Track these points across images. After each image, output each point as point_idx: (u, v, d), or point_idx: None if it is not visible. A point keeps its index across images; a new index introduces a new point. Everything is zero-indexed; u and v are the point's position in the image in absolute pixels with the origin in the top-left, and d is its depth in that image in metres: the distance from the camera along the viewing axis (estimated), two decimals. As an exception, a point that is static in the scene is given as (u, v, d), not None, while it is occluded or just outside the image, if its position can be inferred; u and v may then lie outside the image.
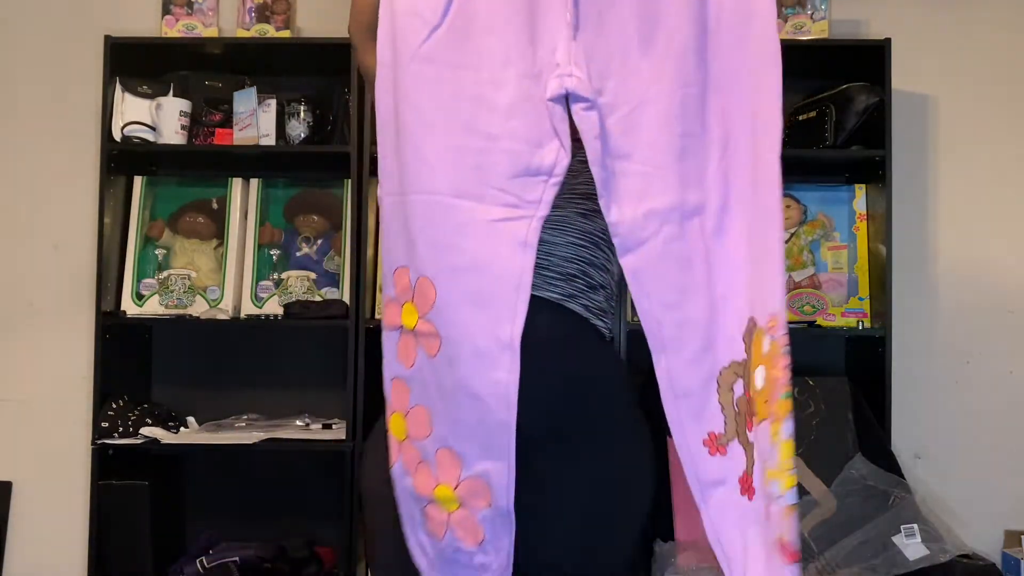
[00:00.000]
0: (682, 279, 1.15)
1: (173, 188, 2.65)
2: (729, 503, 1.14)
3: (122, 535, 2.37)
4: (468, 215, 1.14)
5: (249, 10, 2.58)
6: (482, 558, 1.19)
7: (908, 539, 2.04)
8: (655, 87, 1.15)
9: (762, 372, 1.15)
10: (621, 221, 1.14)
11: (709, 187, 1.17)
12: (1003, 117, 2.66)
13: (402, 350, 1.20)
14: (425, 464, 1.19)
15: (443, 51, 1.16)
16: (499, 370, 1.12)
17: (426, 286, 1.15)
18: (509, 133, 1.14)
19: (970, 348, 2.63)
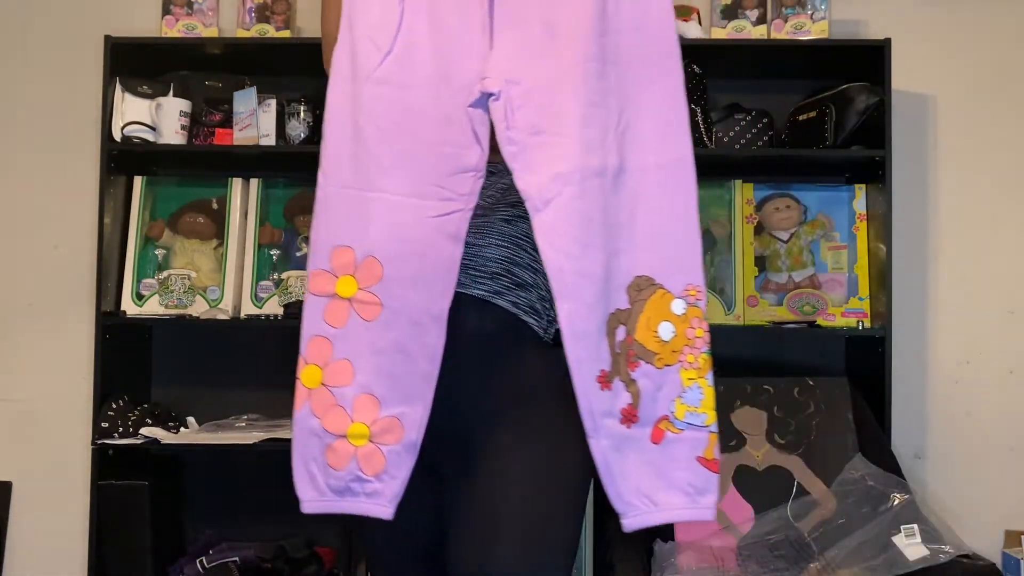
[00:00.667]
0: (582, 234, 1.33)
1: (173, 188, 2.65)
2: (615, 431, 1.34)
3: (122, 535, 2.37)
4: (414, 212, 1.38)
5: (249, 10, 2.58)
6: (377, 485, 1.39)
7: (908, 539, 2.04)
8: (561, 66, 1.35)
9: (670, 328, 1.35)
10: (530, 185, 1.35)
11: (608, 150, 1.35)
12: (1003, 117, 2.66)
13: (331, 313, 1.41)
14: (339, 408, 1.41)
15: (393, 74, 1.40)
16: (429, 335, 1.37)
17: (374, 265, 1.39)
18: (444, 139, 1.39)
19: (970, 348, 2.63)
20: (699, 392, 1.35)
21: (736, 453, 2.26)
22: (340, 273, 1.41)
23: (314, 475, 1.43)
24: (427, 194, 1.39)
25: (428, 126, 1.40)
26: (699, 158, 2.54)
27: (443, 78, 1.39)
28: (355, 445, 1.39)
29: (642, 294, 1.35)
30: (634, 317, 1.35)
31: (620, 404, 1.34)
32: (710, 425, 1.35)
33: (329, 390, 1.41)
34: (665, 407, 1.34)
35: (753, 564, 2.04)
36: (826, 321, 2.46)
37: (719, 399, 2.34)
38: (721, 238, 2.54)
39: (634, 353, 1.34)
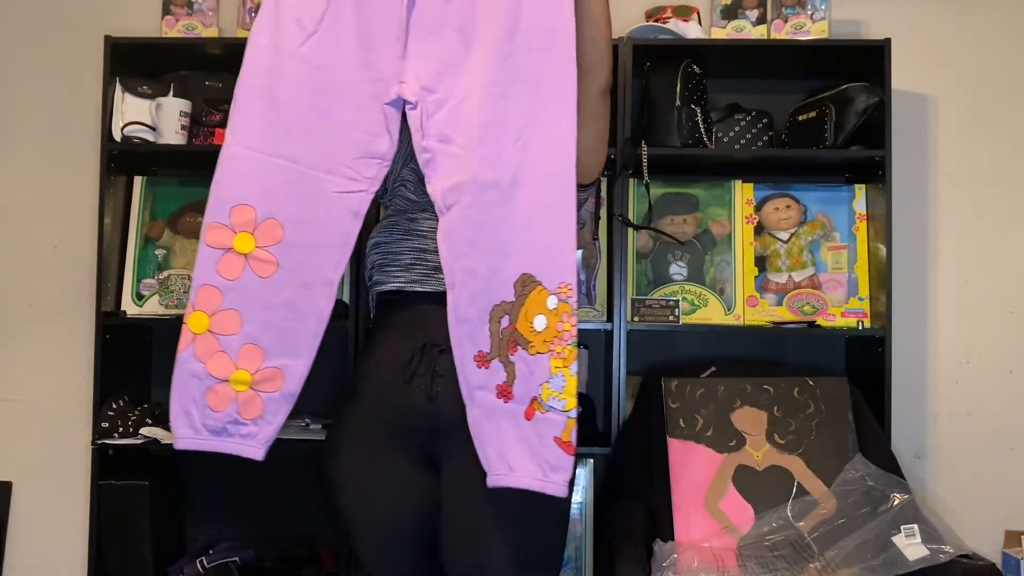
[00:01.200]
0: (472, 237, 1.49)
1: (173, 188, 2.65)
2: (487, 402, 1.49)
3: (122, 535, 2.37)
4: (320, 184, 1.52)
5: (249, 10, 2.58)
6: (252, 428, 1.54)
7: (908, 539, 2.03)
8: (470, 84, 1.49)
9: (543, 320, 1.48)
10: (435, 191, 1.51)
11: (504, 165, 1.48)
12: (1003, 117, 2.66)
13: (224, 265, 1.53)
14: (224, 354, 1.54)
15: (315, 54, 1.53)
16: (321, 298, 1.52)
17: (274, 227, 1.52)
18: (356, 124, 1.52)
19: (970, 348, 2.63)
20: (562, 380, 1.48)
21: (736, 453, 2.26)
22: (239, 229, 1.53)
23: (191, 415, 1.57)
24: (334, 171, 1.52)
25: (342, 108, 1.52)
26: (699, 158, 2.57)
27: (362, 66, 1.52)
28: (236, 390, 1.53)
29: (525, 289, 1.50)
30: (516, 309, 1.50)
31: (497, 381, 1.49)
32: (569, 411, 1.48)
33: (215, 337, 1.54)
34: (535, 389, 1.48)
35: (753, 564, 2.04)
36: (826, 321, 2.46)
37: (719, 399, 2.35)
38: (721, 238, 2.54)
39: (514, 340, 1.49)
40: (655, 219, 2.51)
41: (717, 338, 2.58)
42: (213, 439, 1.56)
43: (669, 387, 2.33)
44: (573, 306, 1.49)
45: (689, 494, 2.21)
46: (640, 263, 2.54)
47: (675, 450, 2.26)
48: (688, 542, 2.14)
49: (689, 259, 2.54)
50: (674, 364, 2.52)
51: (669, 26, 2.49)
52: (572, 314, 1.48)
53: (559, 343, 1.48)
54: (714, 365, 2.42)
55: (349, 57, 1.53)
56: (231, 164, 1.55)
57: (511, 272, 1.49)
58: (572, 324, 1.48)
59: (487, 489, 1.49)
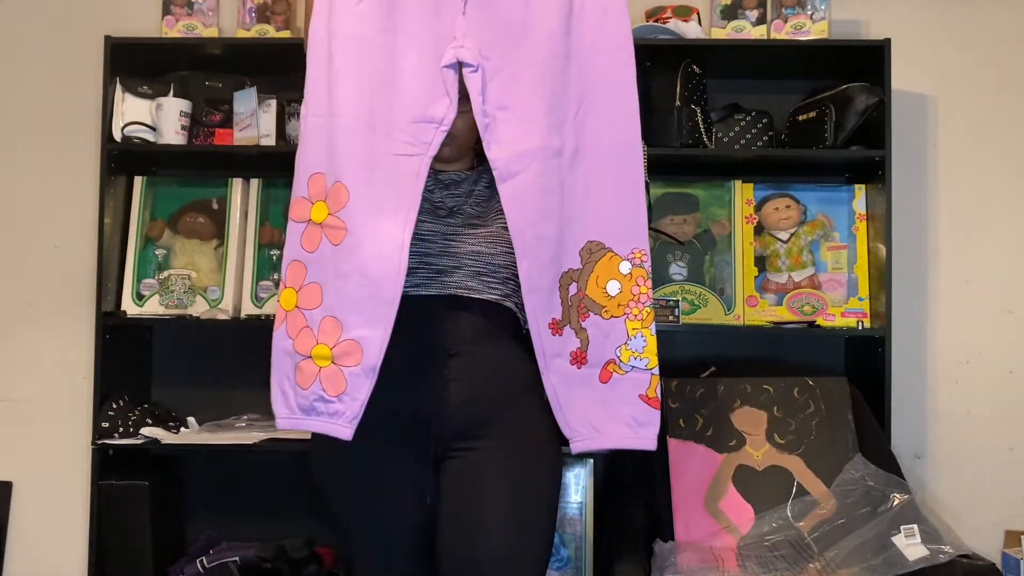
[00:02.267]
0: (541, 204, 1.51)
1: (173, 188, 2.65)
2: (563, 369, 1.53)
3: (122, 535, 2.37)
4: (380, 146, 1.50)
5: (249, 10, 2.58)
6: (338, 406, 1.48)
7: (908, 539, 2.03)
8: (531, 56, 1.52)
9: (617, 285, 1.53)
10: (499, 157, 1.51)
11: (567, 134, 1.53)
12: (1003, 117, 2.66)
13: (307, 238, 1.53)
14: (308, 329, 1.51)
15: (372, 15, 1.52)
16: (392, 262, 1.47)
17: (340, 190, 1.50)
18: (412, 89, 1.52)
19: (970, 348, 2.63)
20: (643, 340, 1.53)
21: (736, 453, 2.26)
22: (315, 199, 1.53)
23: (287, 393, 1.53)
24: (391, 133, 1.51)
25: (399, 71, 1.52)
26: (699, 158, 2.57)
27: (419, 30, 1.52)
28: (319, 366, 1.49)
29: (593, 256, 1.53)
30: (584, 276, 1.53)
31: (570, 348, 1.53)
32: (652, 368, 1.53)
33: (302, 312, 1.52)
34: (612, 352, 1.52)
35: (753, 564, 2.04)
36: (826, 321, 2.46)
37: (719, 399, 2.35)
38: (721, 238, 2.54)
39: (584, 306, 1.53)
40: (655, 219, 2.51)
41: (717, 338, 2.58)
42: (305, 418, 1.51)
43: (669, 387, 2.33)
44: (648, 270, 1.54)
45: (689, 494, 2.21)
46: (640, 263, 2.54)
47: (675, 450, 2.26)
48: (688, 542, 2.14)
49: (689, 259, 2.54)
50: (674, 364, 2.52)
51: (669, 26, 2.49)
52: (647, 278, 1.54)
53: (635, 306, 1.53)
54: (714, 365, 2.42)
55: (406, 19, 1.53)
56: (305, 135, 1.56)
57: (576, 239, 1.53)
58: (648, 288, 1.53)
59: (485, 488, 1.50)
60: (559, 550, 2.27)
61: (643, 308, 1.54)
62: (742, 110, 2.54)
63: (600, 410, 1.52)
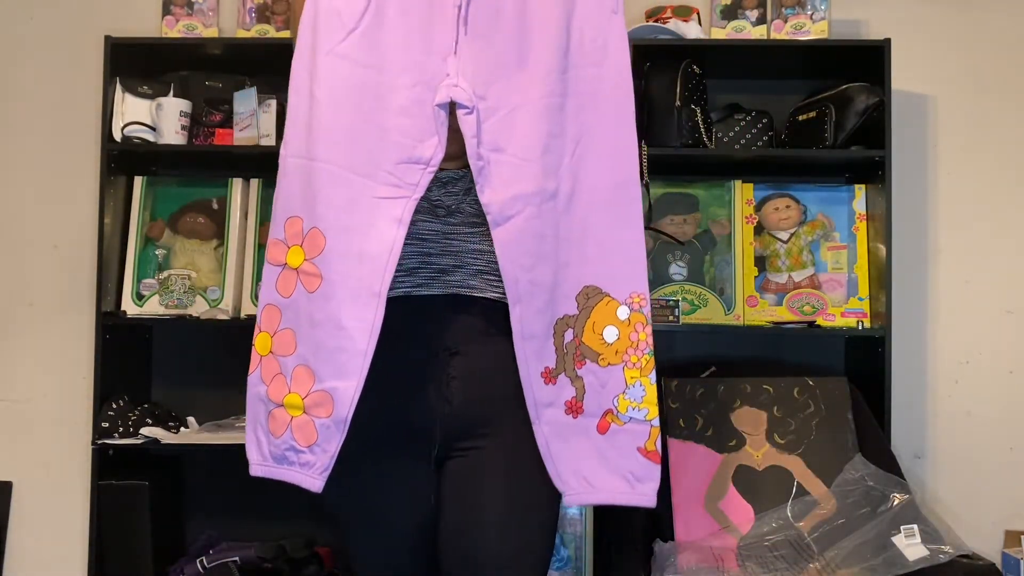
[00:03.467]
0: (536, 249, 1.45)
1: (173, 188, 2.65)
2: (556, 419, 1.46)
3: (122, 535, 2.37)
4: (360, 190, 1.44)
5: (249, 10, 2.58)
6: (309, 456, 1.45)
7: (908, 539, 2.04)
8: (527, 95, 1.45)
9: (614, 331, 1.47)
10: (493, 201, 1.44)
11: (563, 176, 1.46)
12: (1003, 117, 2.66)
13: (282, 282, 1.48)
14: (281, 376, 1.47)
15: (356, 51, 1.45)
16: (368, 310, 1.42)
17: (317, 236, 1.44)
18: (399, 128, 1.44)
19: (970, 348, 2.63)
20: (641, 389, 1.48)
21: (736, 453, 2.26)
22: (291, 243, 1.47)
23: (260, 440, 1.50)
24: (375, 176, 1.44)
25: (385, 110, 1.45)
26: (699, 158, 2.57)
27: (408, 67, 1.45)
28: (291, 415, 1.45)
29: (590, 301, 1.47)
30: (581, 321, 1.47)
31: (565, 397, 1.47)
32: (652, 420, 1.47)
33: (276, 358, 1.48)
34: (609, 401, 1.47)
35: (753, 564, 2.04)
36: (826, 321, 2.46)
37: (719, 399, 2.35)
38: (721, 238, 2.54)
39: (580, 352, 1.47)
40: (655, 219, 2.51)
41: (717, 338, 2.58)
42: (277, 467, 1.48)
43: (669, 387, 2.33)
44: (647, 315, 1.48)
45: (689, 494, 2.21)
46: (640, 263, 2.54)
47: (675, 450, 2.26)
48: (688, 542, 2.14)
49: (689, 259, 2.54)
50: (674, 364, 2.52)
51: (669, 26, 2.49)
52: (647, 324, 1.48)
53: (634, 353, 1.47)
54: (714, 365, 2.42)
55: (394, 56, 1.45)
56: (283, 176, 1.50)
57: (572, 284, 1.47)
58: (647, 334, 1.48)
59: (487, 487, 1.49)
60: (559, 550, 2.27)
61: (642, 355, 1.48)
62: (742, 110, 2.54)
63: (595, 462, 1.47)
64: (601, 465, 1.47)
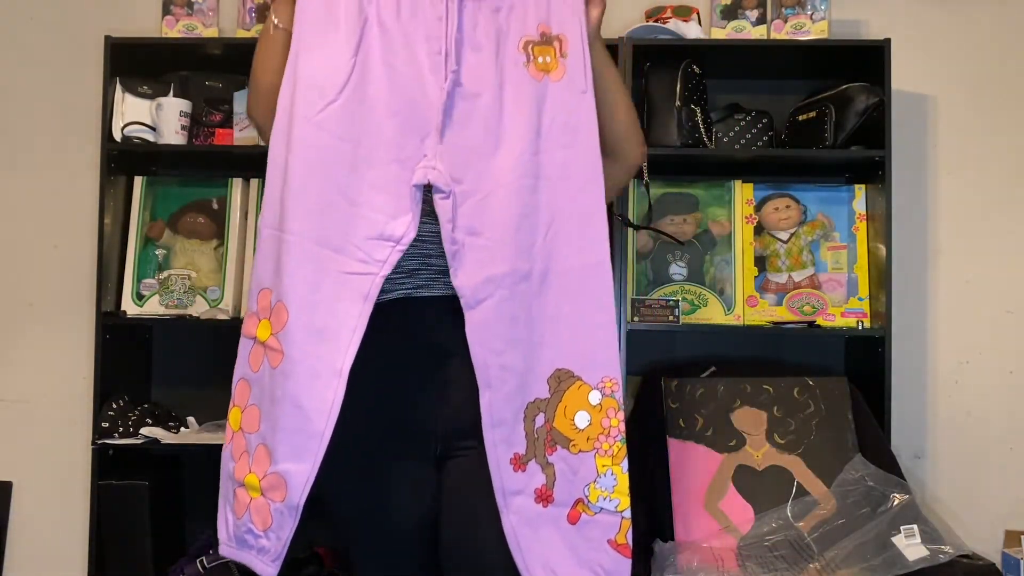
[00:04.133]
0: (508, 333, 1.43)
1: (173, 188, 2.65)
2: (525, 508, 1.42)
3: (122, 535, 2.37)
4: (327, 264, 1.41)
5: (249, 10, 2.58)
6: (265, 542, 1.43)
7: (908, 539, 2.04)
8: (500, 179, 1.44)
9: (586, 416, 1.44)
10: (466, 285, 1.42)
11: (536, 257, 1.45)
12: (1003, 117, 2.66)
13: (253, 356, 1.47)
14: (247, 454, 1.45)
15: (333, 123, 1.43)
16: (328, 390, 1.38)
17: (281, 311, 1.42)
18: (371, 204, 1.42)
19: (970, 348, 2.63)
20: (613, 478, 1.44)
21: (736, 453, 2.26)
22: (262, 316, 1.46)
23: (227, 519, 1.49)
24: (344, 250, 1.41)
25: (359, 184, 1.43)
26: (699, 158, 2.57)
27: (387, 144, 1.43)
28: (251, 496, 1.44)
29: (561, 385, 1.45)
30: (552, 406, 1.44)
31: (535, 484, 1.43)
32: (623, 511, 1.43)
33: (244, 435, 1.46)
34: (580, 491, 1.43)
35: (753, 564, 2.04)
36: (826, 321, 2.46)
37: (719, 399, 2.35)
38: (721, 238, 2.54)
39: (551, 439, 1.44)
40: (655, 219, 2.52)
41: (717, 338, 2.58)
42: (238, 550, 1.46)
43: (669, 387, 2.34)
44: (619, 401, 1.45)
45: (689, 494, 2.21)
46: (640, 263, 2.54)
47: (675, 450, 2.26)
48: (688, 542, 2.14)
49: (689, 259, 2.54)
50: (674, 364, 2.52)
51: (669, 26, 2.49)
52: (619, 409, 1.45)
53: (605, 440, 1.44)
54: (714, 365, 2.42)
55: (372, 132, 1.43)
56: (258, 247, 1.49)
57: (544, 367, 1.45)
58: (619, 419, 1.44)
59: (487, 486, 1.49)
60: (559, 550, 2.26)
61: (614, 443, 1.44)
62: (742, 110, 2.54)
63: (565, 554, 1.43)
64: (571, 557, 1.43)
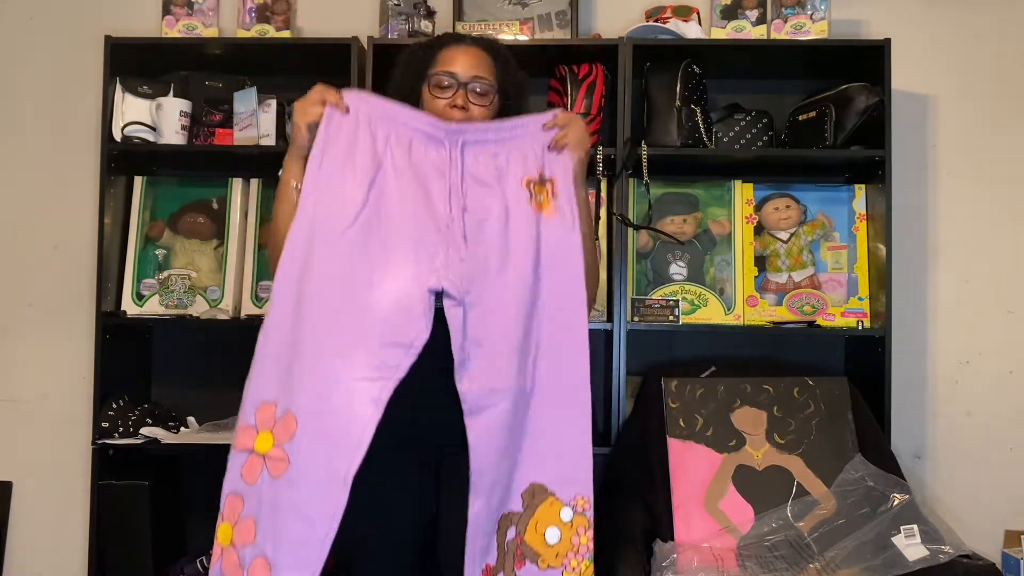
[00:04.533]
0: (505, 444, 1.49)
1: (173, 188, 2.65)
2: None
3: (122, 535, 2.37)
4: (340, 372, 1.45)
5: (249, 10, 2.58)
6: None
7: (908, 540, 2.03)
8: (504, 297, 1.53)
9: (556, 532, 1.48)
10: (471, 391, 1.50)
11: (528, 374, 1.53)
12: (1002, 117, 2.66)
13: (247, 469, 1.48)
14: (240, 569, 1.45)
15: (349, 246, 1.51)
16: (332, 497, 1.42)
17: (290, 421, 1.44)
18: (385, 312, 1.49)
19: (970, 348, 2.63)
20: None
21: (736, 453, 2.26)
22: (261, 428, 1.48)
23: None
24: (357, 357, 1.47)
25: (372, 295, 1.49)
26: (699, 158, 2.57)
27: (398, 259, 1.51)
28: None
29: (535, 500, 1.50)
30: (524, 520, 1.49)
31: None
32: None
33: (235, 550, 1.46)
34: None
35: (753, 564, 2.04)
36: (826, 321, 2.46)
37: (719, 399, 2.35)
38: (721, 238, 2.54)
39: (521, 552, 1.47)
40: (655, 219, 2.51)
41: (717, 338, 2.58)
42: None
43: (669, 387, 2.33)
44: (590, 519, 1.49)
45: (689, 494, 2.21)
46: (640, 263, 2.54)
47: (675, 450, 2.26)
48: (688, 542, 2.14)
49: (689, 259, 2.54)
50: (674, 364, 2.52)
51: (669, 26, 2.49)
52: (588, 527, 1.49)
53: (573, 557, 1.48)
54: (714, 365, 2.42)
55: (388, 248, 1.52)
56: (260, 360, 1.52)
57: (520, 481, 1.50)
58: (588, 538, 1.49)
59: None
60: (559, 550, 2.26)
61: (582, 561, 1.49)
62: (742, 110, 2.54)
63: None
64: None
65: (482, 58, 1.71)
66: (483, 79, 1.68)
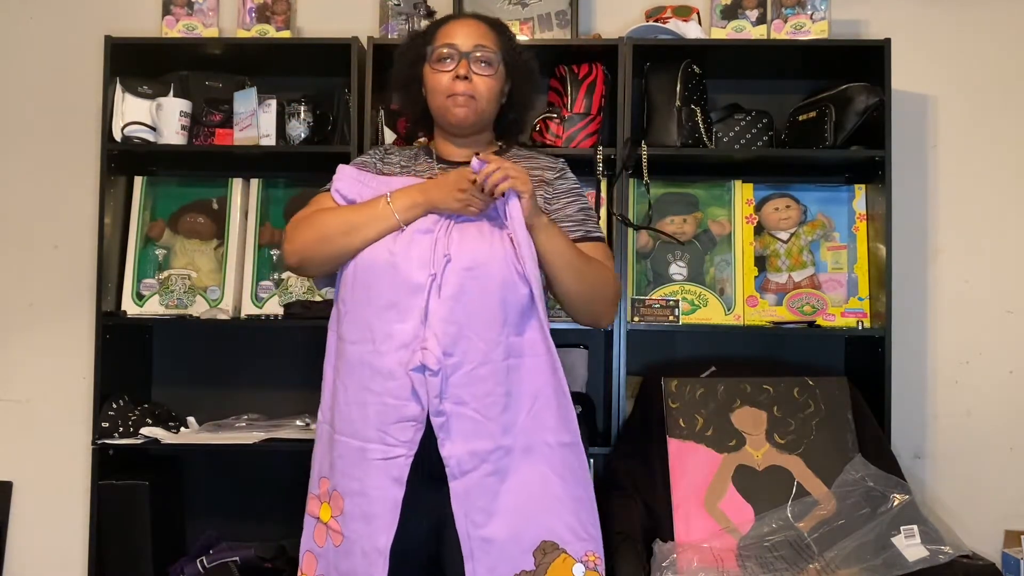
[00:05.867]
0: (490, 505, 1.53)
1: (173, 188, 2.65)
2: None
3: (122, 535, 2.37)
4: (362, 454, 1.57)
5: (249, 10, 2.58)
6: None
7: (908, 540, 2.03)
8: (488, 355, 1.55)
9: None
10: (452, 455, 1.54)
11: (519, 432, 1.55)
12: (1003, 117, 2.66)
13: (318, 533, 1.64)
14: None
15: (349, 330, 1.62)
16: (375, 567, 1.54)
17: (338, 498, 1.60)
18: (389, 391, 1.56)
19: (970, 348, 2.63)
20: None
21: (736, 453, 2.26)
22: (323, 499, 1.64)
23: None
24: (371, 438, 1.56)
25: (374, 376, 1.57)
26: (699, 158, 2.57)
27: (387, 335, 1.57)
28: None
29: (547, 558, 1.53)
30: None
31: None
32: None
33: None
34: None
35: (753, 564, 2.04)
36: (826, 321, 2.46)
37: (719, 399, 2.35)
38: (721, 238, 2.54)
39: None
40: (655, 219, 2.51)
41: (717, 338, 2.58)
42: None
43: (669, 387, 2.33)
44: (602, 574, 1.55)
45: (689, 494, 2.21)
46: (640, 263, 2.54)
47: (675, 450, 2.26)
48: (688, 542, 2.14)
49: (689, 259, 2.54)
50: (674, 364, 2.52)
51: (669, 26, 2.49)
52: None
53: None
54: (714, 365, 2.42)
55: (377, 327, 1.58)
56: (317, 440, 1.68)
57: (531, 539, 1.53)
58: None
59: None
60: (559, 550, 2.26)
61: None
62: (742, 110, 2.54)
63: None
64: None
65: (484, 30, 1.70)
66: (485, 47, 1.67)
